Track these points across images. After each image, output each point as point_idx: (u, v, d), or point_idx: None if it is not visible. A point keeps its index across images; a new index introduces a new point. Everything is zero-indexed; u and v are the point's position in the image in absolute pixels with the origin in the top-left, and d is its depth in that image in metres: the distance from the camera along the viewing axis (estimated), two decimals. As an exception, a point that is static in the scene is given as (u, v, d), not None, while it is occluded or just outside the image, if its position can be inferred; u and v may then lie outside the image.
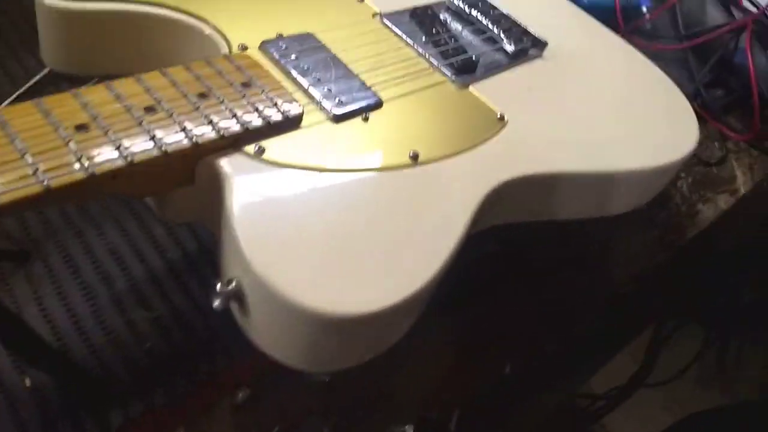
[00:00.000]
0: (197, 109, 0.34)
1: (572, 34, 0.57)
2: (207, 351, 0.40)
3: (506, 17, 0.54)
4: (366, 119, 0.40)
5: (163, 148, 0.32)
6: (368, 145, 0.39)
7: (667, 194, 0.59)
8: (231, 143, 0.35)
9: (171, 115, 0.33)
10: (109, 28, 0.41)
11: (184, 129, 0.33)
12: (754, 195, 0.62)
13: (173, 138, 0.32)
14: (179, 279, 0.43)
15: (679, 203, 0.60)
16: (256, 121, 0.35)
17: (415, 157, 0.39)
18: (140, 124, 0.32)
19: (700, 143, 0.50)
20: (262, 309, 0.32)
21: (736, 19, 0.66)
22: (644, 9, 0.68)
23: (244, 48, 0.41)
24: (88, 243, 0.44)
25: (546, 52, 0.53)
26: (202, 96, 0.35)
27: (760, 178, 0.64)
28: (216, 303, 0.32)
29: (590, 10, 0.66)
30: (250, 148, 0.35)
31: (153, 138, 0.32)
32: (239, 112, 0.35)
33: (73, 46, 0.43)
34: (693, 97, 0.66)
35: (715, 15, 0.66)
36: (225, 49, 0.41)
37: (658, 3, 0.69)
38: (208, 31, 0.42)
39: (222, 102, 0.35)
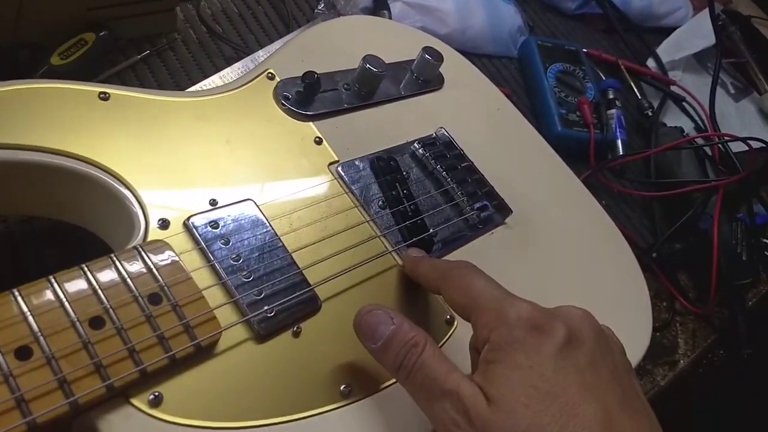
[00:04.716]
0: (86, 346, 0.28)
1: (542, 194, 0.52)
2: None
3: (472, 172, 0.48)
4: (297, 333, 0.34)
5: (28, 418, 0.25)
6: (293, 379, 0.33)
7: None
8: (120, 392, 0.28)
9: (49, 362, 0.27)
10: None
11: (62, 385, 0.26)
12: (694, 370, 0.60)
13: (45, 403, 0.26)
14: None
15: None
16: (158, 360, 0.29)
17: (347, 393, 0.34)
18: (6, 380, 0.26)
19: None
20: None
21: (709, 179, 0.63)
22: (619, 144, 0.64)
23: (164, 225, 0.34)
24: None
25: (509, 219, 0.48)
26: (95, 324, 0.29)
27: (702, 347, 0.62)
28: None
29: (563, 140, 0.62)
30: (143, 398, 0.29)
31: (20, 404, 0.25)
32: (138, 347, 0.29)
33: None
34: (650, 247, 0.63)
35: (689, 169, 0.62)
36: (141, 222, 0.34)
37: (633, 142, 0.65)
38: (120, 193, 0.34)
39: (119, 332, 0.29)
